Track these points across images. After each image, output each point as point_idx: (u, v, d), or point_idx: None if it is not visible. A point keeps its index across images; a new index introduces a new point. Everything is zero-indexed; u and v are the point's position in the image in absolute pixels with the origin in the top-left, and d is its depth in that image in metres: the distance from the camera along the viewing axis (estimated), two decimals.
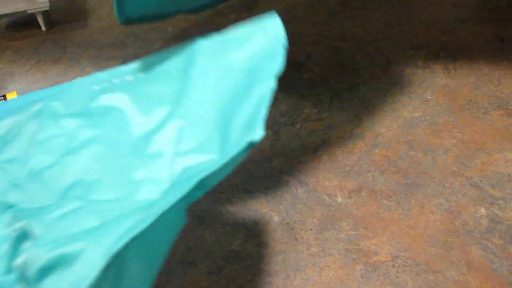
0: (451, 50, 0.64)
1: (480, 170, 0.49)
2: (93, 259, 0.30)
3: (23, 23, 0.77)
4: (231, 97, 0.41)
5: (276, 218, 0.48)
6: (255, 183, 0.51)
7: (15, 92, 0.61)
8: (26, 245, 0.35)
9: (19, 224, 0.36)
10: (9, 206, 0.40)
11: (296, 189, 0.50)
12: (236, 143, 0.36)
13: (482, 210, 0.46)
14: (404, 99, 0.59)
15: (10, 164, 0.44)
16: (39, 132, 0.45)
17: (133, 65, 0.47)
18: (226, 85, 0.42)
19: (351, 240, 0.45)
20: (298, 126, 0.57)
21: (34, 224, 0.36)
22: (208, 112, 0.42)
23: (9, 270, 0.34)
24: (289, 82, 0.63)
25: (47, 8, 0.72)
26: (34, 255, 0.32)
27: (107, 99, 0.46)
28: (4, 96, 0.59)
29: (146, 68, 0.46)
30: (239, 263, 0.44)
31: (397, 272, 0.42)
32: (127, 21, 0.47)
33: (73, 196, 0.40)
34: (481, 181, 0.48)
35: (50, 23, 0.77)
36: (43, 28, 0.75)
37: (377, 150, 0.53)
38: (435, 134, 0.53)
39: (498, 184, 0.48)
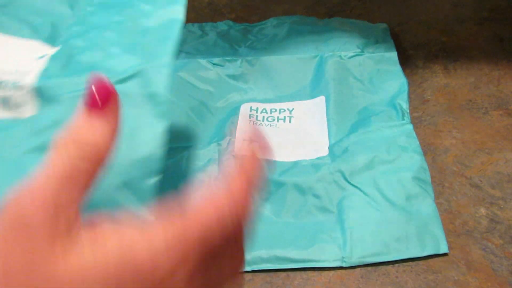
0: (451, 50, 0.64)
1: (480, 170, 0.49)
2: None
3: None
4: None
5: None
6: None
7: None
8: None
9: None
10: None
11: None
12: None
13: (482, 210, 0.46)
14: None
15: None
16: None
17: None
18: None
19: None
20: None
21: None
22: None
23: None
24: None
25: None
26: None
27: None
28: None
29: None
30: None
31: (397, 272, 0.42)
32: None
33: None
34: (481, 181, 0.48)
35: None
36: None
37: None
38: (435, 134, 0.53)
39: (498, 184, 0.48)
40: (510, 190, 0.47)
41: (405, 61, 0.62)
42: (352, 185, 0.47)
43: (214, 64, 0.62)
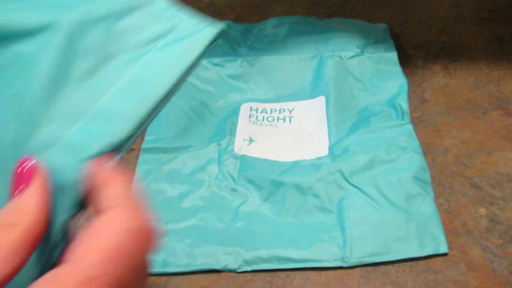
0: (451, 50, 0.64)
1: (480, 170, 0.49)
2: None
3: None
4: None
5: None
6: None
7: None
8: None
9: None
10: None
11: None
12: None
13: (482, 210, 0.46)
14: None
15: None
16: None
17: None
18: None
19: None
20: None
21: None
22: None
23: None
24: None
25: None
26: None
27: None
28: None
29: None
30: None
31: (397, 271, 0.42)
32: None
33: None
34: (481, 181, 0.48)
35: None
36: None
37: None
38: (435, 134, 0.53)
39: (498, 184, 0.48)
40: (510, 190, 0.47)
41: (405, 61, 0.62)
42: (352, 185, 0.47)
43: (214, 64, 0.62)
